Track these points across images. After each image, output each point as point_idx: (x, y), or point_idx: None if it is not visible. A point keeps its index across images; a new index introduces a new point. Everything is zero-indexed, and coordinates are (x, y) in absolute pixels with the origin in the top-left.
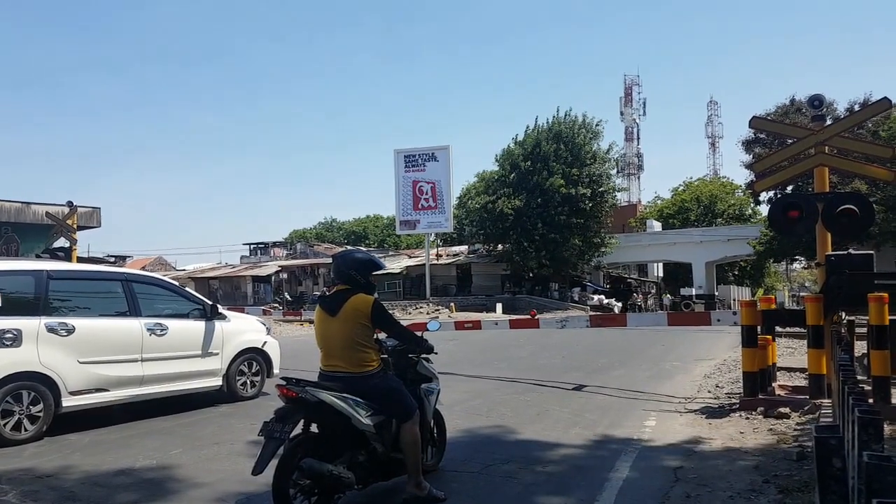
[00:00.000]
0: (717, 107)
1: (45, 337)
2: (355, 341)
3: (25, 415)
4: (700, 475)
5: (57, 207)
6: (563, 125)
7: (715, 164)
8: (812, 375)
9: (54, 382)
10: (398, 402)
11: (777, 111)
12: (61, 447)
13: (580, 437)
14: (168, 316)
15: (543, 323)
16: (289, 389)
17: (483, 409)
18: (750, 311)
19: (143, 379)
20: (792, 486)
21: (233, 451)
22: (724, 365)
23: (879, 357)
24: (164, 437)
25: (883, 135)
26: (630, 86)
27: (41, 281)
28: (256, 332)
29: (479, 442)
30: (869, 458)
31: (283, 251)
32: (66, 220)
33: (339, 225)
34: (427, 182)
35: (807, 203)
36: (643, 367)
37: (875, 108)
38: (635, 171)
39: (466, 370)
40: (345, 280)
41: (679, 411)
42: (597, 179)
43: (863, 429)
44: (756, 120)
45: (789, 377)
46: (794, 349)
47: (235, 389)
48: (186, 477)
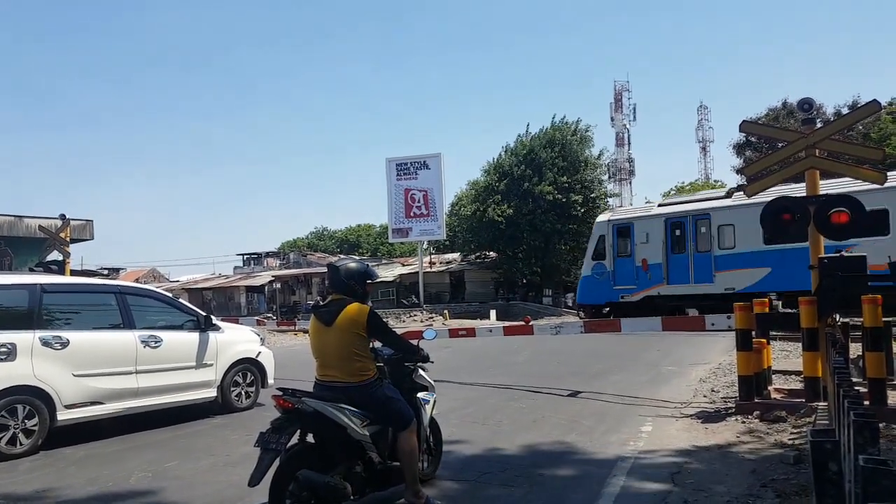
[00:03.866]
0: (707, 111)
1: (40, 350)
2: (351, 351)
3: (21, 429)
4: (697, 480)
5: (50, 220)
6: (557, 131)
7: (706, 169)
8: (807, 378)
9: (49, 396)
10: (395, 411)
11: (768, 115)
12: (56, 461)
13: (576, 443)
14: (162, 328)
15: (538, 329)
16: (285, 400)
17: (479, 417)
18: (744, 314)
19: (138, 391)
20: (789, 490)
21: (228, 462)
22: (719, 369)
23: (874, 359)
24: (159, 449)
25: (873, 137)
26: (620, 91)
27: (35, 295)
28: (250, 343)
29: (475, 450)
30: (865, 462)
31: (276, 261)
32: (58, 234)
33: (331, 234)
34: (419, 190)
35: (799, 206)
36: (638, 373)
37: (865, 110)
38: (627, 176)
39: (461, 377)
40: (342, 290)
41: (675, 416)
42: (589, 185)
43: (858, 432)
44: (746, 124)
45: (785, 380)
46: (788, 352)
47: (230, 400)
48: (182, 489)
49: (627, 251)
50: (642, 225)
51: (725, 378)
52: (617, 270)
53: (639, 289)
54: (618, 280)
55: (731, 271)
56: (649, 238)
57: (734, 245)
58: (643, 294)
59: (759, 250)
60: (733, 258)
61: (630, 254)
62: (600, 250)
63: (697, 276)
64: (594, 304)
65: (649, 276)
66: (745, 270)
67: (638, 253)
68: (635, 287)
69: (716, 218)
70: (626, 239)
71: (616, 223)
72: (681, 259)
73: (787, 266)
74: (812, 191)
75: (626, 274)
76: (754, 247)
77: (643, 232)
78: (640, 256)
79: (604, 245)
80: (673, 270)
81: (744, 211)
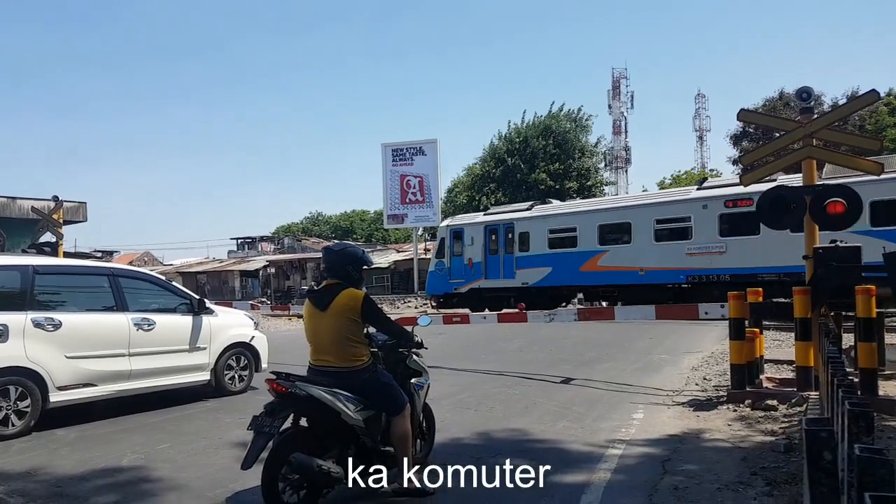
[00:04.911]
0: (704, 100)
1: (32, 332)
2: (345, 336)
3: (13, 410)
4: (688, 468)
5: (43, 202)
6: (552, 119)
7: (703, 157)
8: (799, 367)
9: (41, 377)
10: (388, 396)
11: (765, 104)
12: (49, 442)
13: (568, 430)
14: (155, 311)
15: (531, 316)
16: (278, 384)
17: (471, 403)
18: (738, 303)
19: (131, 374)
20: (779, 479)
21: (221, 445)
22: (711, 357)
23: (866, 349)
24: (151, 432)
25: (869, 128)
26: (618, 79)
27: (27, 276)
28: (244, 327)
29: (468, 435)
30: (861, 451)
31: (270, 246)
32: (52, 215)
33: (325, 219)
34: (414, 176)
35: (795, 196)
36: (631, 360)
37: (863, 100)
38: (623, 164)
39: (455, 364)
40: (339, 275)
41: (667, 404)
42: (585, 173)
43: (853, 421)
44: (744, 112)
45: (777, 369)
46: (781, 341)
47: (223, 384)
48: (174, 472)
49: (460, 251)
50: (470, 230)
51: (717, 367)
52: (452, 267)
53: (466, 282)
54: (452, 275)
55: (526, 269)
56: (474, 241)
57: (529, 249)
58: (469, 287)
59: (545, 253)
60: (529, 259)
61: (461, 254)
62: (441, 250)
63: (506, 272)
64: (437, 295)
65: (473, 272)
66: (535, 269)
67: (466, 253)
68: (464, 281)
69: (518, 227)
70: (460, 241)
71: (453, 228)
72: (494, 259)
73: (561, 267)
74: (809, 180)
75: (458, 270)
76: (541, 251)
77: (470, 236)
78: (468, 256)
79: (444, 246)
80: (489, 268)
81: (537, 221)
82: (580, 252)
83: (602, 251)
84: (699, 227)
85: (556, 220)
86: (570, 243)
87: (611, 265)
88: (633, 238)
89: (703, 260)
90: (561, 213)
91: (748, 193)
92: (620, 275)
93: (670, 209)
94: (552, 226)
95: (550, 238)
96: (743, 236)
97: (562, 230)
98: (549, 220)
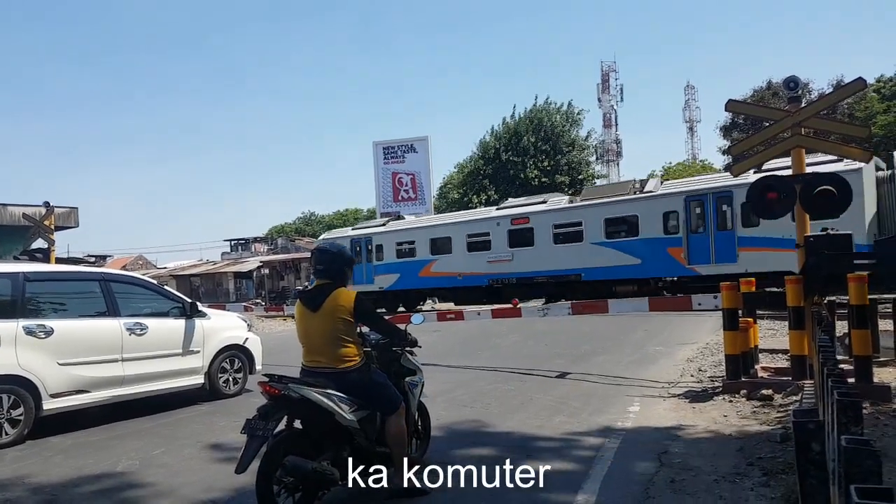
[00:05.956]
0: (694, 91)
1: (24, 339)
2: (337, 336)
3: (6, 419)
4: (684, 459)
5: (34, 208)
6: (542, 113)
7: (693, 148)
8: (794, 357)
9: (34, 385)
10: (382, 395)
11: (753, 95)
12: (43, 450)
13: (564, 424)
14: (147, 315)
15: (525, 311)
16: (271, 386)
17: (467, 400)
18: (731, 293)
19: (124, 379)
20: (776, 469)
21: (216, 449)
22: (706, 348)
23: (860, 336)
24: (146, 437)
25: (859, 116)
26: (607, 72)
27: (18, 283)
28: (237, 329)
29: (464, 432)
30: (847, 442)
31: (264, 247)
32: (43, 221)
33: (318, 219)
34: (407, 174)
35: (784, 184)
36: (626, 353)
37: (850, 87)
38: (614, 157)
39: (450, 360)
40: (334, 276)
41: (663, 396)
42: (576, 167)
43: (842, 411)
44: (732, 103)
45: (772, 359)
46: (775, 331)
47: (218, 387)
48: (168, 477)
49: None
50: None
51: (712, 357)
52: None
53: None
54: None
55: (381, 276)
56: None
57: (384, 258)
58: None
59: (394, 262)
60: (383, 267)
61: None
62: None
63: (367, 278)
64: None
65: None
66: (388, 275)
67: None
68: None
69: (374, 240)
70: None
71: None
72: (359, 267)
73: (406, 273)
74: (798, 169)
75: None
76: (392, 260)
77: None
78: None
79: None
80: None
81: (388, 235)
82: (418, 261)
83: (433, 259)
84: (496, 241)
85: (401, 234)
86: (410, 253)
87: (440, 271)
88: (452, 249)
89: (499, 266)
90: (405, 228)
91: (525, 213)
92: (447, 279)
93: (476, 226)
94: (398, 239)
95: (398, 249)
96: (523, 247)
97: (405, 243)
98: (397, 234)
